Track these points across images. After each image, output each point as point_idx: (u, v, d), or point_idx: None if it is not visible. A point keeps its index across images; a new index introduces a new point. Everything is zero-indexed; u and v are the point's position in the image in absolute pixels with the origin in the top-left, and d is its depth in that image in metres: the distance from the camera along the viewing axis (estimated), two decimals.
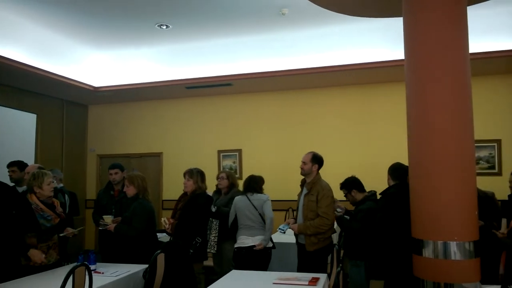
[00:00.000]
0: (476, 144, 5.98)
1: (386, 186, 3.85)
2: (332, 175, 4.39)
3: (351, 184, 4.02)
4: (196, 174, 3.90)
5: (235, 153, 7.21)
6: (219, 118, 7.36)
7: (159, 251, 3.31)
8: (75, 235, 3.81)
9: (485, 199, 3.84)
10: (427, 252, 2.83)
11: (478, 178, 4.74)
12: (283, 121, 7.01)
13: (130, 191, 3.98)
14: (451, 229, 2.77)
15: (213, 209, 4.31)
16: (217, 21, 5.30)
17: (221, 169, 7.06)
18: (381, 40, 5.50)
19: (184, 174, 3.95)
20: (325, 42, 5.68)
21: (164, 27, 5.50)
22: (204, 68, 6.39)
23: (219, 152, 7.30)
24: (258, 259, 4.02)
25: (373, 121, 6.58)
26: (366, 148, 6.54)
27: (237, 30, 5.62)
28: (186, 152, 7.39)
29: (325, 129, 6.79)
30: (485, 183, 4.38)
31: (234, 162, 7.20)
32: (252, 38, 5.86)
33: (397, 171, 3.60)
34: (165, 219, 3.89)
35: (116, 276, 3.28)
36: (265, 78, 6.19)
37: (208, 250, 4.22)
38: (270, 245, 4.12)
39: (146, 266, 3.37)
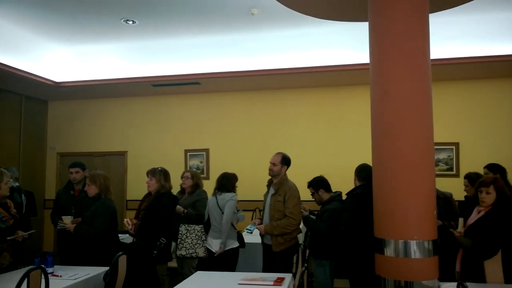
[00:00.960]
0: (435, 147, 6.22)
1: (353, 187, 3.93)
2: (300, 176, 4.42)
3: (319, 183, 4.06)
4: (159, 173, 3.82)
5: (202, 153, 7.14)
6: (186, 117, 7.26)
7: (120, 252, 3.21)
8: (25, 238, 3.57)
9: (443, 200, 3.99)
10: (389, 251, 2.90)
11: (437, 179, 4.91)
12: (251, 121, 7.01)
13: (92, 190, 3.85)
14: (411, 228, 2.85)
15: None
16: (185, 18, 5.23)
17: (188, 169, 6.97)
18: (350, 43, 5.59)
19: (147, 173, 3.87)
20: (295, 44, 5.72)
21: (130, 22, 5.36)
22: (172, 66, 6.29)
23: (186, 151, 7.20)
24: (222, 261, 3.99)
25: (342, 123, 6.69)
26: (335, 149, 6.63)
27: (206, 29, 5.57)
28: (152, 151, 7.25)
29: (294, 130, 6.84)
30: (443, 184, 4.54)
31: (201, 162, 7.13)
32: (221, 37, 5.82)
33: (364, 172, 3.67)
34: (128, 220, 3.80)
35: (74, 279, 3.17)
36: (234, 78, 6.17)
37: (183, 254, 4.16)
38: (235, 245, 4.09)
39: (107, 268, 3.27)
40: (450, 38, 5.30)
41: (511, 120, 6.18)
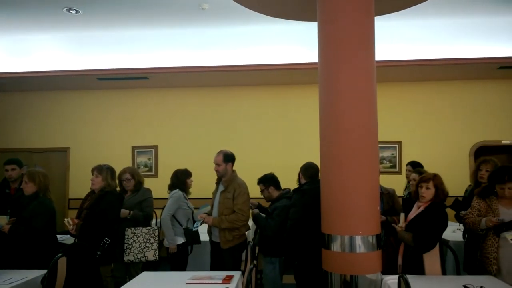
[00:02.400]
0: (380, 145, 6.59)
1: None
2: (249, 173, 4.43)
3: (269, 181, 4.09)
4: (105, 171, 3.66)
5: (150, 150, 6.95)
6: (134, 112, 7.03)
7: (60, 254, 3.04)
8: None
9: (387, 196, 4.16)
10: (335, 246, 2.97)
11: (381, 176, 5.14)
12: (201, 117, 6.93)
13: (29, 188, 3.61)
14: (356, 224, 2.93)
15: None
16: (133, 9, 5.03)
17: (136, 166, 6.76)
18: (301, 42, 5.67)
19: (92, 170, 3.70)
20: (246, 41, 5.70)
21: (73, 11, 5.07)
22: (119, 59, 6.05)
23: (134, 148, 6.98)
24: (172, 259, 3.96)
25: (292, 121, 6.78)
26: (284, 147, 6.72)
27: (155, 21, 5.39)
28: (97, 148, 6.95)
29: (244, 127, 6.85)
30: (387, 181, 4.75)
31: (149, 159, 6.94)
32: (171, 31, 5.67)
33: (309, 170, 3.76)
34: (69, 220, 3.60)
35: (9, 283, 2.95)
36: (183, 73, 6.06)
37: (132, 259, 3.99)
38: (180, 241, 4.01)
39: (45, 271, 3.08)
40: (394, 40, 5.53)
41: (450, 119, 6.59)
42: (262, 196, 4.18)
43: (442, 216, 3.19)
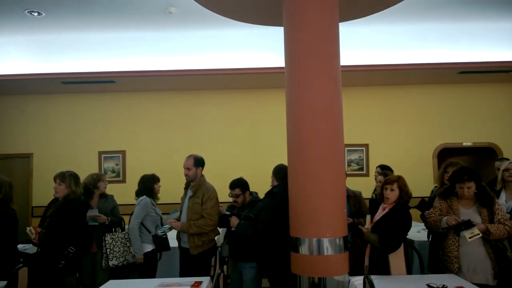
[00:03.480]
0: (348, 148, 6.72)
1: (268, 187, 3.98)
2: (218, 178, 4.41)
3: (246, 185, 3.98)
4: (68, 178, 3.56)
5: (118, 155, 6.79)
6: (100, 117, 6.86)
7: (21, 264, 2.92)
8: None
9: (353, 198, 4.24)
10: (303, 249, 2.99)
11: (350, 178, 5.27)
12: (170, 122, 6.84)
13: None
14: (324, 227, 2.97)
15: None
16: (99, 12, 4.92)
17: (102, 172, 6.59)
18: (269, 47, 5.70)
19: (55, 178, 3.58)
20: (214, 45, 5.69)
21: (36, 14, 4.91)
22: (84, 62, 5.89)
23: (100, 153, 6.80)
24: (140, 266, 3.90)
25: (261, 125, 6.79)
26: (253, 151, 6.73)
27: (122, 24, 5.30)
28: (62, 154, 6.72)
29: (213, 131, 6.81)
30: (355, 183, 4.85)
31: (117, 164, 6.78)
32: (138, 34, 5.58)
33: (280, 172, 3.74)
34: (31, 228, 3.47)
35: None
36: (151, 77, 5.96)
37: (116, 263, 3.97)
38: (148, 249, 3.95)
39: (4, 282, 2.95)
40: (360, 46, 5.67)
41: (414, 123, 6.80)
42: (231, 201, 4.11)
43: (406, 217, 3.28)
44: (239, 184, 3.89)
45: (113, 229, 4.21)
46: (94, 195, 4.35)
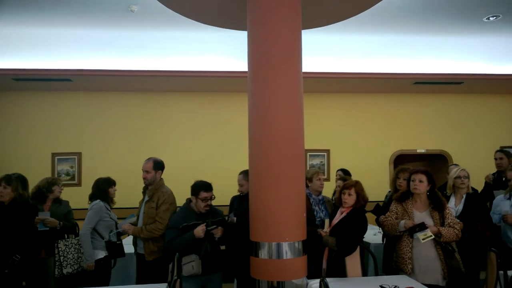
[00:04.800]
0: (309, 153, 6.81)
1: (234, 191, 3.95)
2: (179, 182, 4.33)
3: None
4: (15, 180, 3.37)
5: (73, 157, 6.53)
6: (55, 116, 6.56)
7: None
8: None
9: (329, 203, 4.31)
10: (263, 254, 2.99)
11: None
12: (129, 123, 6.66)
13: None
14: (283, 231, 2.98)
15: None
16: (57, 7, 4.70)
17: (56, 174, 6.31)
18: (233, 50, 5.68)
19: (0, 181, 3.37)
20: (177, 46, 5.60)
21: None
22: (39, 59, 5.62)
23: (54, 155, 6.50)
24: (93, 274, 3.74)
25: (224, 128, 6.76)
26: (216, 154, 6.67)
27: (80, 21, 5.08)
28: (11, 155, 6.37)
29: (175, 134, 6.70)
30: None
31: (72, 167, 6.51)
32: (98, 32, 5.39)
33: (248, 175, 3.71)
34: None
35: None
36: (110, 76, 5.79)
37: (70, 271, 3.79)
38: (101, 255, 3.82)
39: None
40: (321, 53, 5.78)
41: (372, 130, 7.01)
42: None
43: (362, 220, 3.37)
44: (210, 188, 3.67)
45: (66, 235, 4.04)
46: (47, 199, 4.19)
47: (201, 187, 3.51)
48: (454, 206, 3.93)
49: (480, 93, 7.16)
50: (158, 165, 3.80)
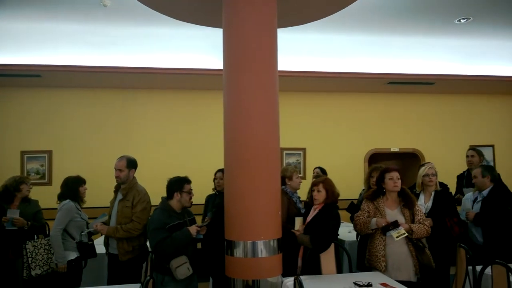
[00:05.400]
0: (286, 152, 6.84)
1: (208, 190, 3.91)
2: (152, 181, 4.26)
3: None
4: None
5: (43, 155, 6.32)
6: (24, 113, 6.34)
7: None
8: None
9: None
10: (238, 252, 2.99)
11: None
12: (101, 120, 6.49)
13: None
14: (258, 229, 2.98)
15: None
16: (26, 0, 4.54)
17: (25, 173, 6.10)
18: (209, 48, 5.62)
19: None
20: (150, 43, 5.48)
21: None
22: (6, 54, 5.41)
23: (23, 153, 6.28)
24: (63, 275, 3.63)
25: (200, 126, 6.68)
26: (191, 152, 6.60)
27: (50, 14, 4.89)
28: None
29: (147, 131, 6.58)
30: None
31: (42, 166, 6.31)
32: (69, 26, 5.20)
33: None
34: None
35: None
36: (82, 72, 5.62)
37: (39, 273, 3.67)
38: (72, 257, 3.70)
39: None
40: (297, 52, 5.80)
41: (347, 128, 7.10)
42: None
43: (334, 216, 3.40)
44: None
45: (36, 235, 3.91)
46: (15, 199, 4.07)
47: (184, 181, 3.44)
48: (423, 203, 4.03)
49: (451, 94, 7.37)
50: (132, 163, 3.74)
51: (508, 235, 3.91)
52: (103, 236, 3.84)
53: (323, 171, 5.47)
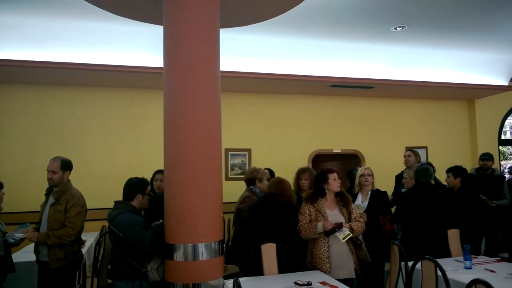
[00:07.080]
0: (231, 153, 6.81)
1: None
2: (88, 182, 4.05)
3: None
4: None
5: None
6: None
7: None
8: None
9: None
10: (178, 256, 2.92)
11: (233, 182, 5.33)
12: (29, 118, 6.03)
13: None
14: (199, 231, 2.93)
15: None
16: None
17: None
18: (151, 46, 5.45)
19: None
20: (89, 38, 5.21)
21: None
22: None
23: None
24: None
25: (142, 125, 6.46)
26: (133, 151, 6.36)
27: None
28: None
29: (83, 130, 6.23)
30: (239, 187, 4.89)
31: None
32: (6, 19, 4.81)
33: None
34: None
35: None
36: (16, 67, 5.21)
37: None
38: None
39: None
40: (241, 53, 5.80)
41: (291, 130, 7.20)
42: (101, 207, 3.79)
43: None
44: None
45: None
46: None
47: (145, 182, 3.39)
48: (361, 202, 4.23)
49: (389, 97, 7.75)
50: (66, 165, 3.52)
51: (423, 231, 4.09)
52: (32, 244, 3.57)
53: (271, 172, 5.47)
